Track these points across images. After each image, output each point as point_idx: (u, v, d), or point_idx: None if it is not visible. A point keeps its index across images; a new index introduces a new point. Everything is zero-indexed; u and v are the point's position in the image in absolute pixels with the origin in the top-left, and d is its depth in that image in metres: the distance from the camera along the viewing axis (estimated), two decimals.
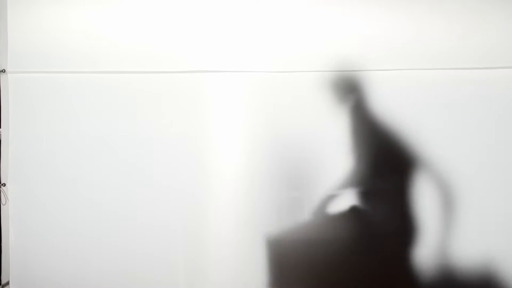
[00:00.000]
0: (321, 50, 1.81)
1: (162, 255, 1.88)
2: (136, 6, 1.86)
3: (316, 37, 1.81)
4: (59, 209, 1.91)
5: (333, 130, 1.78)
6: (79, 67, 1.87)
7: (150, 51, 1.86)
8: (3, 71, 1.90)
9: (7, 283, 1.95)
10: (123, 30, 1.87)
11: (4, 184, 1.93)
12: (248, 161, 1.87)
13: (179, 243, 1.88)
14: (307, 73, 1.78)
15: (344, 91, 1.78)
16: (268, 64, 1.81)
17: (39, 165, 1.90)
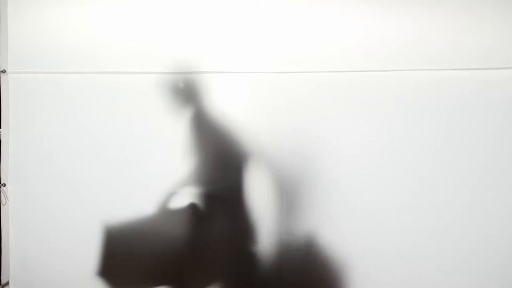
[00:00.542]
0: (320, 51, 1.81)
1: (161, 255, 1.89)
2: (136, 7, 1.86)
3: (315, 38, 1.81)
4: (59, 209, 1.91)
5: (331, 129, 1.78)
6: (79, 67, 1.87)
7: (149, 52, 1.86)
8: (4, 71, 1.91)
9: (7, 283, 1.95)
10: (123, 31, 1.87)
11: (4, 185, 1.93)
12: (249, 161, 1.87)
13: (178, 243, 1.89)
14: (306, 74, 1.79)
15: (185, 95, 1.82)
16: (268, 65, 1.82)
17: (39, 165, 1.90)
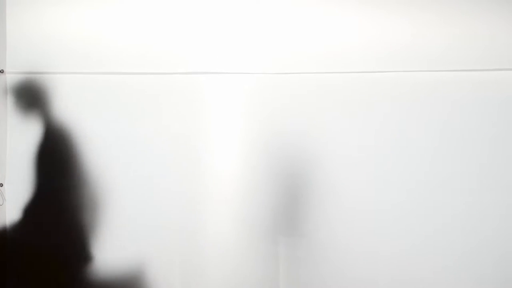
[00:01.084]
0: (318, 52, 1.82)
1: (159, 255, 1.89)
2: (135, 7, 1.87)
3: (314, 38, 1.83)
4: (56, 209, 1.90)
5: (328, 130, 1.79)
6: (78, 68, 1.87)
7: (148, 52, 1.87)
8: (1, 71, 1.90)
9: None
10: (122, 31, 1.88)
11: (1, 185, 1.92)
12: (245, 162, 1.88)
13: (176, 244, 1.89)
14: (305, 75, 1.80)
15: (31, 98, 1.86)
16: (266, 66, 1.83)
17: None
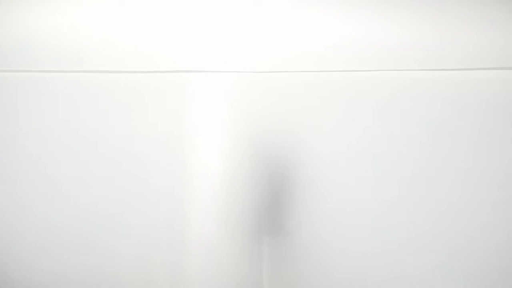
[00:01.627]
0: (305, 51, 1.82)
1: (144, 255, 1.88)
2: (119, 5, 1.86)
3: (299, 37, 1.83)
4: (42, 208, 1.89)
5: (315, 129, 1.79)
6: (65, 66, 1.86)
7: (132, 50, 1.86)
8: None
9: None
10: (108, 29, 1.87)
11: None
12: (229, 160, 1.87)
13: (160, 242, 1.88)
14: (290, 74, 1.80)
15: None
16: (251, 64, 1.82)
17: (22, 164, 1.88)
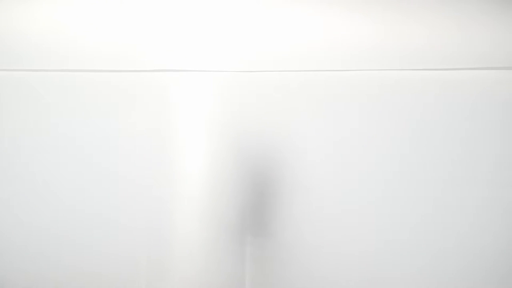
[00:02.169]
0: (286, 50, 1.82)
1: (126, 254, 1.86)
2: (103, 4, 1.85)
3: (282, 37, 1.82)
4: (23, 208, 1.87)
5: (298, 129, 1.79)
6: (47, 65, 1.84)
7: (115, 49, 1.84)
8: None
9: None
10: (90, 28, 1.85)
11: None
12: (213, 160, 1.87)
13: (143, 242, 1.87)
14: (273, 73, 1.80)
15: None
16: (234, 64, 1.82)
17: (2, 164, 1.86)
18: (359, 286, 1.51)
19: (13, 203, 1.85)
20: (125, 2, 1.81)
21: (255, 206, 1.72)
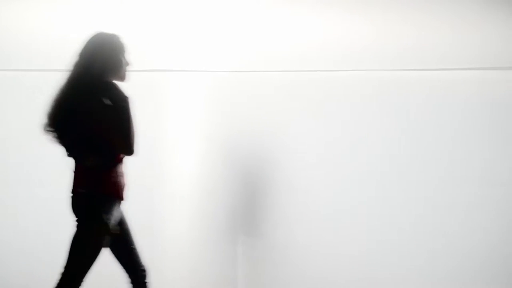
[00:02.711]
0: (280, 51, 1.85)
1: None
2: (96, 5, 1.84)
3: (276, 38, 1.85)
4: (8, 209, 1.87)
5: (290, 129, 1.82)
6: (35, 65, 1.84)
7: None
8: None
9: None
10: (83, 29, 1.85)
11: None
12: (204, 160, 1.89)
13: (137, 242, 1.88)
14: (266, 73, 1.83)
15: None
16: (227, 64, 1.85)
17: None
18: (350, 285, 1.53)
19: (5, 205, 1.82)
20: (120, 5, 1.80)
21: (247, 206, 1.73)
